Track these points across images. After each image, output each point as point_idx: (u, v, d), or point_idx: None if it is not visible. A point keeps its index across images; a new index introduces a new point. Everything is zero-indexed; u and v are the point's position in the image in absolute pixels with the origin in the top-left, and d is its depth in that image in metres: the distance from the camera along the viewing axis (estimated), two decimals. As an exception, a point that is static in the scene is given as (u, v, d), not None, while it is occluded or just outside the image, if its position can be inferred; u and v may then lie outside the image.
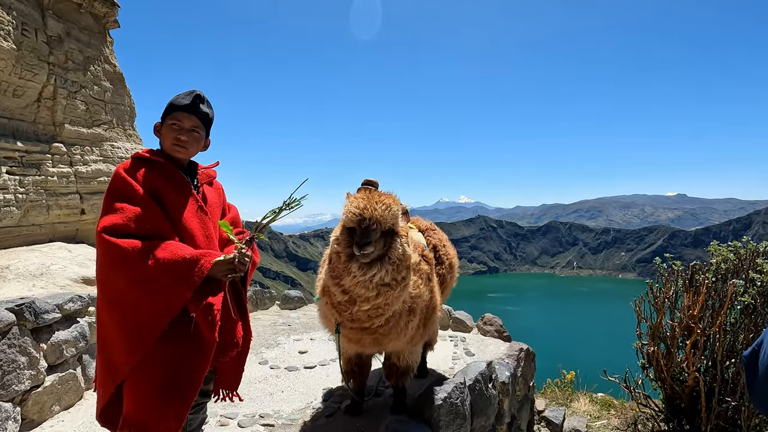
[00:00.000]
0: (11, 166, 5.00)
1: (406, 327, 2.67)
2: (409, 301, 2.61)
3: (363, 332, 2.54)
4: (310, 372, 4.10)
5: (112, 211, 1.70)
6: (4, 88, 4.99)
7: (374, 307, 2.36)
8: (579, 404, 5.93)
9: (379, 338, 2.59)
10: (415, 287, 2.69)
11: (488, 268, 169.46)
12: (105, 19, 6.52)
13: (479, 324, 5.34)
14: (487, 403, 3.49)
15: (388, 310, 2.40)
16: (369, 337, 2.58)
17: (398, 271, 2.28)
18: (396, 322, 2.56)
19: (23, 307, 3.11)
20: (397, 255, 2.27)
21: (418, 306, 2.73)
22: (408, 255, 2.33)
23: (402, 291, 2.36)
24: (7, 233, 4.98)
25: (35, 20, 5.36)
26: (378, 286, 2.28)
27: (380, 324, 2.47)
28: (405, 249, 2.31)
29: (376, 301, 2.32)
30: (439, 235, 3.51)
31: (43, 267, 4.23)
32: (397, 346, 2.83)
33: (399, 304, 2.44)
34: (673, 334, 4.78)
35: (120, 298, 1.69)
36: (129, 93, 7.01)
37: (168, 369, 1.72)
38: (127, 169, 1.80)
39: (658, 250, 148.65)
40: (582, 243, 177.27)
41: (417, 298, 2.70)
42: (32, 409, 3.09)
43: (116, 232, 1.66)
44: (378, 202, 2.26)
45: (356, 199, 2.30)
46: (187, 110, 1.87)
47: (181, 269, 1.66)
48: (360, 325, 2.48)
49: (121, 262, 1.64)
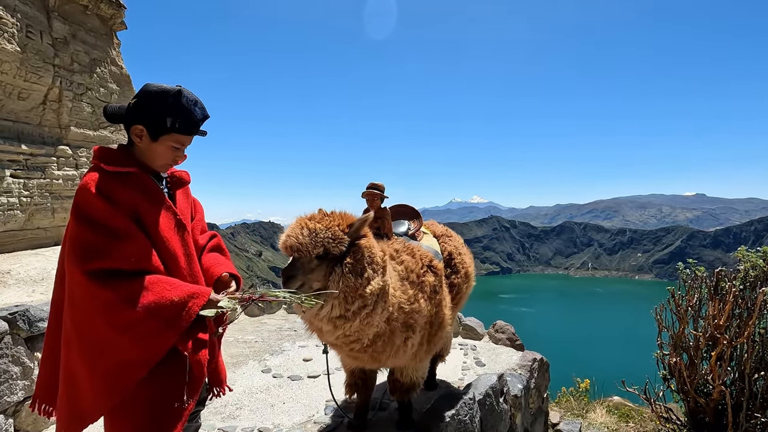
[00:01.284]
0: (15, 169, 4.97)
1: (404, 344, 2.47)
2: (401, 319, 2.39)
3: (354, 352, 2.35)
4: (313, 382, 3.96)
5: (91, 246, 1.49)
6: (8, 91, 4.97)
7: (341, 336, 2.15)
8: (596, 415, 5.68)
9: (376, 356, 2.40)
10: (413, 301, 2.48)
11: (501, 269, 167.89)
12: (112, 21, 6.49)
13: (490, 331, 5.14)
14: (498, 418, 3.31)
15: (361, 335, 2.18)
16: (364, 355, 2.39)
17: (349, 303, 2.02)
18: (388, 340, 2.36)
19: (17, 315, 3.03)
20: (342, 286, 1.99)
21: (417, 322, 2.51)
22: (359, 283, 2.02)
23: (366, 319, 2.11)
24: (11, 237, 4.95)
25: (40, 22, 5.33)
26: (330, 320, 2.06)
27: (366, 344, 2.26)
28: (351, 278, 2.01)
29: (337, 333, 2.11)
30: (454, 242, 3.28)
31: (44, 272, 4.17)
32: (399, 362, 2.64)
33: (373, 328, 2.20)
34: (697, 344, 4.52)
35: (98, 342, 1.52)
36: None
37: (152, 409, 1.57)
38: (98, 186, 1.55)
39: (676, 251, 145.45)
40: (597, 244, 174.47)
41: (415, 313, 2.48)
42: (26, 420, 3.00)
43: (99, 273, 1.47)
44: (304, 227, 2.01)
45: (289, 227, 2.07)
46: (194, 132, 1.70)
47: (169, 313, 1.51)
48: (344, 349, 2.30)
49: (103, 310, 1.48)
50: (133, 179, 1.64)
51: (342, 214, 2.18)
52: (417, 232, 3.06)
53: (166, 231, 1.67)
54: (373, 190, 2.87)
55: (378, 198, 2.88)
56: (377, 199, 2.88)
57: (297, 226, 2.04)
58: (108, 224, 1.51)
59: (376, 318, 2.17)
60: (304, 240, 1.98)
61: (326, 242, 2.00)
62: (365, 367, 2.77)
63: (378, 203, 2.89)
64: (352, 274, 2.02)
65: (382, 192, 2.91)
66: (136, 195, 1.62)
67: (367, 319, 2.12)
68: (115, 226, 1.52)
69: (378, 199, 2.88)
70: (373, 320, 2.15)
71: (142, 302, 1.48)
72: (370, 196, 2.89)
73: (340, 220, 2.10)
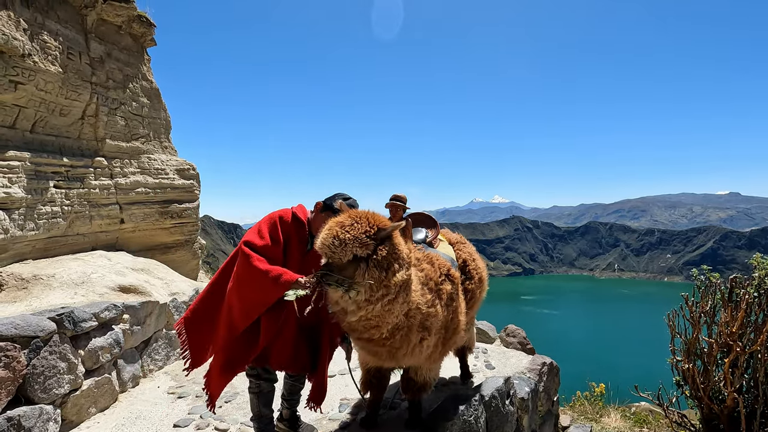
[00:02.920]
0: (58, 180, 5.39)
1: (420, 344, 2.69)
2: (418, 317, 2.62)
3: (372, 344, 2.59)
4: (329, 381, 4.17)
5: (258, 236, 2.67)
6: (51, 108, 5.39)
7: (362, 319, 2.41)
8: (610, 419, 5.70)
9: (393, 352, 2.63)
10: (431, 305, 2.70)
11: (523, 270, 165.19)
12: (142, 39, 6.90)
13: (502, 335, 5.25)
14: (504, 420, 3.44)
15: (380, 322, 2.44)
16: (382, 350, 2.62)
17: (374, 291, 2.33)
18: (405, 336, 2.58)
19: (63, 316, 3.36)
20: (369, 277, 2.30)
21: (433, 325, 2.73)
22: (384, 275, 2.34)
23: (388, 306, 2.39)
24: (54, 242, 5.37)
25: (79, 44, 5.76)
26: (356, 303, 2.35)
27: (384, 336, 2.50)
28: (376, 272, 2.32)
29: (359, 314, 2.38)
30: (468, 249, 3.49)
31: (84, 275, 4.54)
32: (414, 361, 2.85)
33: (393, 318, 2.46)
34: (711, 351, 4.51)
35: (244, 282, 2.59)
36: (165, 107, 7.39)
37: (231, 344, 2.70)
38: (284, 220, 2.77)
39: (708, 253, 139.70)
40: (624, 244, 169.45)
41: (432, 317, 2.70)
42: (71, 410, 3.33)
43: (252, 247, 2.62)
44: (336, 237, 2.29)
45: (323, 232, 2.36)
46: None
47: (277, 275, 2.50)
48: (359, 336, 2.55)
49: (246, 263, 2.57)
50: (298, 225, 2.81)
51: (370, 217, 2.40)
52: (434, 239, 3.27)
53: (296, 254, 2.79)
54: (396, 201, 3.17)
55: (400, 209, 3.19)
56: (399, 210, 3.18)
57: (330, 235, 2.32)
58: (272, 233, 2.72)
59: (397, 307, 2.43)
60: (336, 249, 2.29)
61: (354, 250, 2.29)
62: (383, 366, 2.99)
63: (400, 214, 3.19)
64: (377, 268, 2.31)
65: (404, 203, 3.18)
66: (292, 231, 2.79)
67: (389, 306, 2.38)
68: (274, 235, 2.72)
69: (400, 210, 3.19)
70: (394, 308, 2.41)
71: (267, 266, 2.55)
72: (393, 207, 3.19)
73: (367, 226, 2.35)
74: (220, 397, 3.75)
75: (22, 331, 3.02)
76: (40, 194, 5.11)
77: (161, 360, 4.59)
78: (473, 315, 3.66)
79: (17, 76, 4.78)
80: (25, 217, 4.89)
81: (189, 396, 3.89)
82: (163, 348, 4.65)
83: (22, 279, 4.34)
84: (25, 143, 5.16)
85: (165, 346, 4.68)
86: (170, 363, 4.71)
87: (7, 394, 2.84)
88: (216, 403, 2.91)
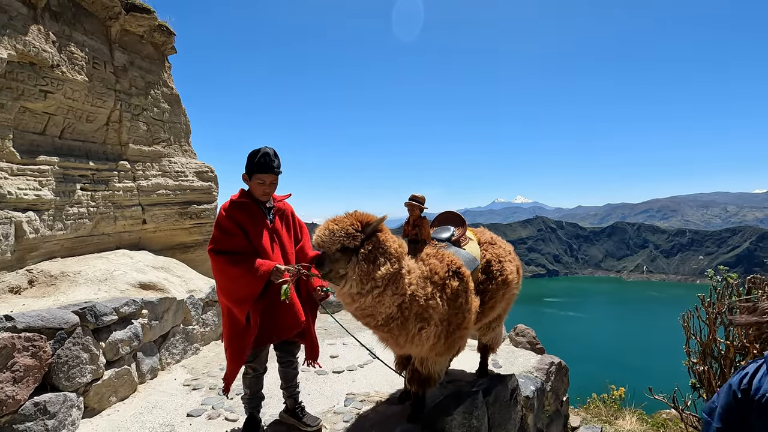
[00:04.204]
0: (85, 183, 5.70)
1: (419, 333, 2.81)
2: (414, 308, 2.74)
3: (374, 330, 2.85)
4: (337, 377, 4.29)
5: (217, 238, 2.77)
6: (78, 115, 5.71)
7: (357, 309, 2.65)
8: (624, 422, 5.60)
9: (394, 338, 2.83)
10: (430, 298, 2.81)
11: (547, 271, 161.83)
12: (163, 47, 7.20)
13: (511, 335, 5.24)
14: (506, 417, 3.46)
15: (374, 311, 2.65)
16: (385, 335, 2.86)
17: (363, 283, 2.53)
18: (402, 325, 2.74)
19: (86, 310, 3.58)
20: (358, 271, 2.51)
21: (432, 317, 2.82)
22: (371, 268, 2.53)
23: (378, 298, 2.59)
24: (81, 242, 5.68)
25: (104, 53, 6.07)
26: (349, 294, 2.59)
27: (380, 324, 2.71)
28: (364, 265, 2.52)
29: (354, 305, 2.63)
30: (497, 251, 3.54)
31: (107, 273, 4.79)
32: (417, 350, 2.97)
33: (385, 308, 2.65)
34: (727, 353, 4.40)
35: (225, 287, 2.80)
36: (185, 112, 7.67)
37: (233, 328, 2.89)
38: (226, 209, 2.83)
39: (743, 254, 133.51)
40: (653, 245, 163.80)
41: (431, 308, 2.81)
42: (93, 399, 3.54)
43: (216, 250, 2.75)
44: (326, 229, 2.54)
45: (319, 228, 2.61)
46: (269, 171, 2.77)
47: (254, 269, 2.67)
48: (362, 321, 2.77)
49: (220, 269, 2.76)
50: (246, 207, 2.85)
51: (357, 214, 2.63)
52: (462, 237, 3.38)
53: (262, 238, 2.83)
54: (412, 201, 3.31)
55: (417, 209, 3.29)
56: (416, 209, 3.29)
57: (323, 228, 2.58)
58: (225, 227, 2.77)
59: (387, 299, 2.61)
60: (326, 239, 2.53)
61: (342, 240, 2.51)
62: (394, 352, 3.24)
63: (417, 213, 3.29)
64: (365, 261, 2.51)
65: (421, 203, 3.32)
66: (244, 215, 2.82)
67: (379, 298, 2.59)
68: (228, 228, 2.77)
69: (417, 209, 3.29)
70: (383, 300, 2.60)
71: (240, 263, 2.68)
72: (410, 207, 3.31)
73: (354, 220, 2.58)
74: (231, 390, 3.93)
75: (47, 323, 3.24)
76: (68, 196, 5.42)
77: (178, 354, 4.80)
78: (497, 315, 3.72)
79: (47, 86, 5.08)
80: (54, 217, 5.19)
81: (203, 388, 4.06)
82: (180, 342, 4.85)
83: (51, 276, 4.62)
84: (54, 148, 5.48)
85: (182, 341, 4.89)
86: (187, 357, 4.92)
87: (34, 381, 3.06)
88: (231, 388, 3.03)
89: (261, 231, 2.85)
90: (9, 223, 4.54)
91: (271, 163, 2.77)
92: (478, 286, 3.26)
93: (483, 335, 3.87)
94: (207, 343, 5.35)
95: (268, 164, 2.77)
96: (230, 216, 2.80)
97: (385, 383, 4.08)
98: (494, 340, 3.98)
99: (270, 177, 2.81)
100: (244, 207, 2.85)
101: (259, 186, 2.81)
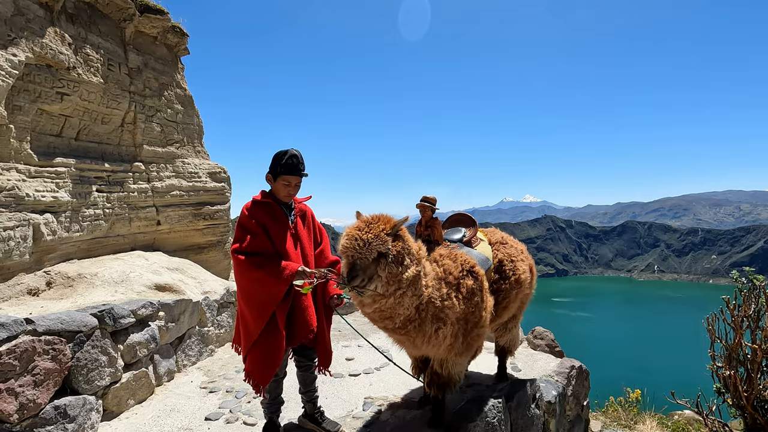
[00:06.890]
0: (100, 184, 5.72)
1: (436, 334, 2.79)
2: (431, 310, 2.73)
3: (390, 333, 2.82)
4: (354, 380, 4.24)
5: (239, 239, 2.74)
6: (94, 117, 5.73)
7: (376, 311, 2.60)
8: (644, 426, 5.49)
9: (411, 340, 2.80)
10: (446, 299, 2.80)
11: (556, 271, 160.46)
12: (176, 48, 7.21)
13: (529, 337, 5.15)
14: (528, 423, 3.39)
15: (393, 313, 2.60)
16: (402, 338, 2.83)
17: (390, 285, 2.50)
18: (419, 327, 2.72)
19: (104, 312, 3.57)
20: (386, 274, 2.48)
21: (448, 317, 2.82)
22: (400, 270, 2.51)
23: (399, 299, 2.56)
24: (97, 243, 5.70)
25: (118, 55, 6.09)
26: (371, 296, 2.53)
27: (397, 326, 2.67)
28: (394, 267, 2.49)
29: (374, 306, 2.57)
30: (509, 250, 3.55)
31: (123, 274, 4.79)
32: (435, 351, 2.94)
33: (404, 310, 2.61)
34: (755, 357, 4.27)
35: (247, 289, 2.74)
36: (198, 113, 7.69)
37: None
38: (249, 209, 2.82)
39: (758, 253, 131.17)
40: (664, 244, 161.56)
41: (447, 309, 2.80)
42: (111, 402, 3.54)
43: (240, 251, 2.70)
44: (358, 240, 2.46)
45: (345, 234, 2.52)
46: (295, 173, 2.78)
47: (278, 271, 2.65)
48: (379, 324, 2.72)
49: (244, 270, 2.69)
50: (268, 207, 2.84)
51: (383, 218, 2.59)
52: (473, 238, 3.38)
53: (284, 239, 2.82)
54: (424, 202, 3.32)
55: (429, 209, 3.30)
56: (428, 210, 3.30)
57: (351, 239, 2.48)
58: (247, 226, 2.76)
59: (407, 300, 2.59)
60: (362, 251, 2.46)
61: (378, 248, 2.46)
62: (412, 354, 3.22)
63: (429, 214, 3.30)
64: (394, 263, 2.49)
65: (432, 204, 3.32)
66: (266, 215, 2.81)
67: (400, 299, 2.56)
68: (250, 228, 2.75)
69: (429, 210, 3.30)
70: (404, 301, 2.58)
71: (265, 265, 2.65)
72: (422, 208, 3.32)
73: (384, 225, 2.53)
74: (248, 394, 3.89)
75: (67, 326, 3.23)
76: (84, 198, 5.44)
77: (194, 356, 4.79)
78: (512, 315, 3.70)
79: (63, 88, 5.11)
80: (71, 219, 5.22)
81: (220, 391, 4.04)
82: (196, 344, 4.85)
83: (68, 277, 4.63)
84: (70, 150, 5.51)
85: (198, 343, 4.88)
86: (203, 359, 4.91)
87: (54, 385, 3.05)
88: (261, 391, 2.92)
89: (283, 232, 2.85)
90: (27, 225, 4.57)
91: (298, 165, 2.79)
92: (491, 286, 3.26)
93: (500, 337, 3.83)
94: (222, 345, 5.34)
95: (295, 166, 2.78)
96: (253, 215, 2.79)
97: (402, 386, 4.02)
98: (511, 343, 3.95)
99: (296, 179, 2.82)
100: (266, 207, 2.85)
101: (284, 187, 2.82)
